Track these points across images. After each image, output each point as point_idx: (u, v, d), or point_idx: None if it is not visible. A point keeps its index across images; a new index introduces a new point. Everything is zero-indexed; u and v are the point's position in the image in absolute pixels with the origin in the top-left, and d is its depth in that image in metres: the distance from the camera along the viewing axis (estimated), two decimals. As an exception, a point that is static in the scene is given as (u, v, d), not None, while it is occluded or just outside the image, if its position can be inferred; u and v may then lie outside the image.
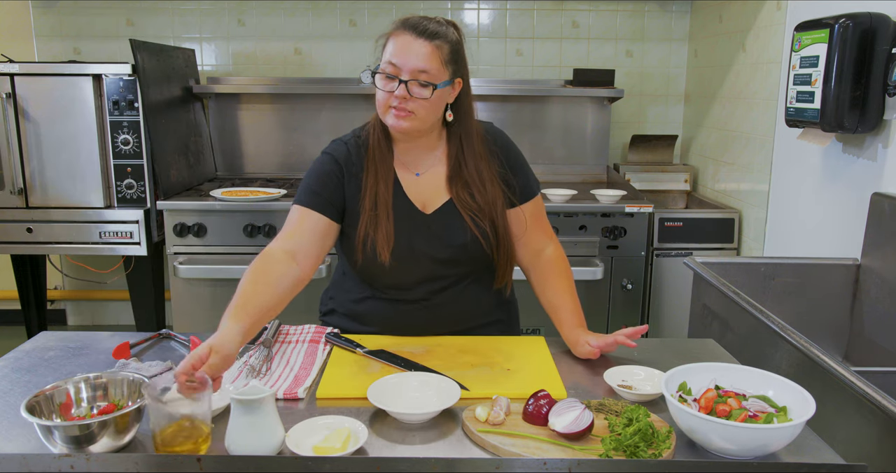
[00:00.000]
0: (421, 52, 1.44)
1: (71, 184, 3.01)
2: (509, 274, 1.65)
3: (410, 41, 1.45)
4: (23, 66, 2.92)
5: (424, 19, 1.48)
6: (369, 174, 1.54)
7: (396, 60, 1.45)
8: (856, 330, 2.17)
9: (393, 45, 1.47)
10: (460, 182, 1.56)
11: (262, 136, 3.67)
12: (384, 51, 1.49)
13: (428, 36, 1.45)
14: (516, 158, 1.65)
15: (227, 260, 2.97)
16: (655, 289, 3.15)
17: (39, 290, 3.53)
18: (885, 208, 2.02)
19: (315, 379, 1.36)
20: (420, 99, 1.45)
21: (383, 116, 1.50)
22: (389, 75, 1.46)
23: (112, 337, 1.56)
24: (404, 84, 1.44)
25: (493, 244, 1.57)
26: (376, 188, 1.53)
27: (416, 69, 1.44)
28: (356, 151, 1.57)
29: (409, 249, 1.53)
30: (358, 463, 0.96)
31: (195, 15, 3.66)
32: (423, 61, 1.44)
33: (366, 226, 1.51)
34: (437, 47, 1.45)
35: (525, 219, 1.62)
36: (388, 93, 1.46)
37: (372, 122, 1.59)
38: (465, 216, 1.55)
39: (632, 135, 3.68)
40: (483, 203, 1.55)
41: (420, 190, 1.58)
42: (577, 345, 1.49)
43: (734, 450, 1.06)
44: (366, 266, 1.54)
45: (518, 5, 3.69)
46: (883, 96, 2.02)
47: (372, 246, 1.51)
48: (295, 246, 1.47)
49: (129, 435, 1.08)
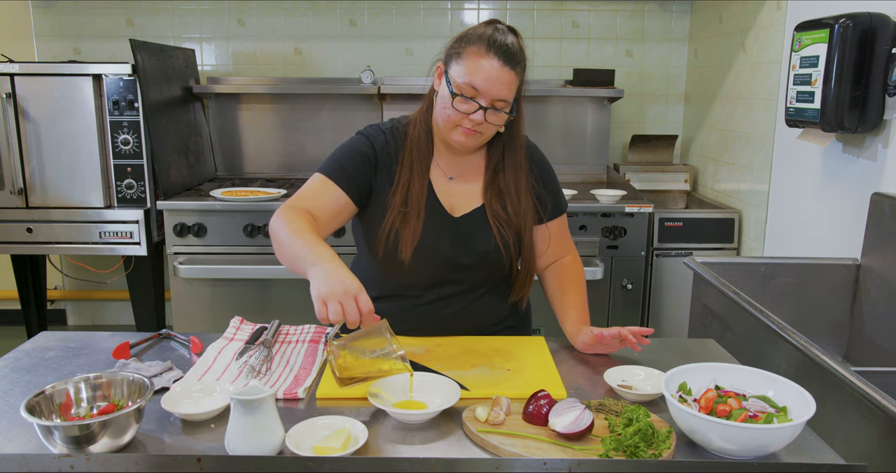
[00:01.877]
0: (506, 81, 1.41)
1: (71, 184, 3.01)
2: (527, 288, 1.64)
3: (497, 68, 1.40)
4: (23, 66, 2.92)
5: (505, 36, 1.42)
6: (404, 169, 1.52)
7: (480, 85, 1.40)
8: (856, 330, 2.17)
9: (476, 66, 1.40)
10: (494, 190, 1.56)
11: (262, 136, 3.67)
12: (457, 63, 1.43)
13: (513, 64, 1.41)
14: (549, 174, 1.65)
15: (227, 260, 2.97)
16: (655, 289, 3.15)
17: (39, 290, 3.53)
18: (885, 208, 2.02)
19: (315, 379, 1.36)
20: (493, 123, 1.45)
21: (447, 131, 1.47)
22: (468, 97, 1.42)
23: (112, 337, 1.56)
24: (483, 110, 1.42)
25: (514, 256, 1.57)
26: (409, 185, 1.51)
27: (498, 98, 1.42)
28: (393, 142, 1.55)
29: (431, 250, 1.52)
30: (358, 463, 0.96)
31: (195, 15, 3.66)
32: (507, 91, 1.42)
33: (392, 220, 1.50)
34: (517, 75, 1.44)
35: (549, 237, 1.62)
36: (462, 114, 1.43)
37: (416, 118, 1.56)
38: (492, 225, 1.54)
39: (632, 135, 3.68)
40: (513, 214, 1.55)
41: (451, 192, 1.57)
42: (577, 335, 1.49)
43: (734, 450, 1.06)
44: (385, 258, 1.52)
45: (518, 5, 3.69)
46: (883, 96, 2.02)
47: (395, 242, 1.49)
48: (313, 209, 1.45)
49: (129, 435, 1.08)
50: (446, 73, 1.46)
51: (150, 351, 1.51)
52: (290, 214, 1.39)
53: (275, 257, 1.39)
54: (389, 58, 3.72)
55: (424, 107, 1.57)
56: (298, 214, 1.40)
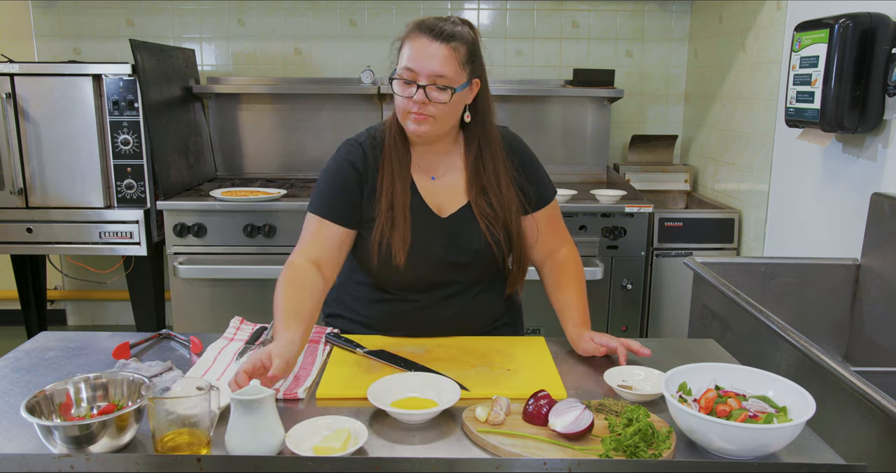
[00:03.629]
0: (437, 55, 1.42)
1: (71, 184, 3.01)
2: (521, 279, 1.65)
3: (426, 44, 1.42)
4: (23, 66, 2.92)
5: (439, 20, 1.45)
6: (385, 175, 1.52)
7: (413, 65, 1.42)
8: (856, 330, 2.17)
9: (409, 49, 1.44)
10: (478, 187, 1.55)
11: (262, 136, 3.67)
12: (400, 55, 1.46)
13: (444, 38, 1.42)
14: (532, 164, 1.63)
15: (227, 260, 2.97)
16: (655, 289, 3.15)
17: (39, 290, 3.53)
18: (885, 208, 2.02)
19: (315, 379, 1.36)
20: (439, 103, 1.44)
21: (403, 122, 1.48)
22: (407, 80, 1.43)
23: (112, 337, 1.56)
24: (422, 89, 1.42)
25: (506, 251, 1.57)
26: (392, 189, 1.51)
27: (433, 73, 1.42)
28: (372, 153, 1.55)
29: (424, 252, 1.52)
30: (358, 463, 0.96)
31: (195, 15, 3.66)
32: (440, 65, 1.42)
33: (382, 227, 1.50)
34: (453, 49, 1.43)
35: (538, 227, 1.61)
36: (406, 98, 1.44)
37: (389, 123, 1.57)
38: (480, 222, 1.54)
39: (632, 135, 3.68)
40: (499, 208, 1.55)
41: (436, 193, 1.57)
42: (579, 341, 1.49)
43: (734, 450, 1.06)
44: (380, 267, 1.53)
45: (518, 5, 3.69)
46: (883, 96, 2.02)
47: (387, 247, 1.49)
48: (317, 256, 1.48)
49: (129, 435, 1.08)
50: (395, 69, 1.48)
51: (150, 352, 1.51)
52: (287, 277, 1.43)
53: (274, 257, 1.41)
54: (389, 58, 3.71)
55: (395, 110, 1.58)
56: (294, 278, 1.44)
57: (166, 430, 1.05)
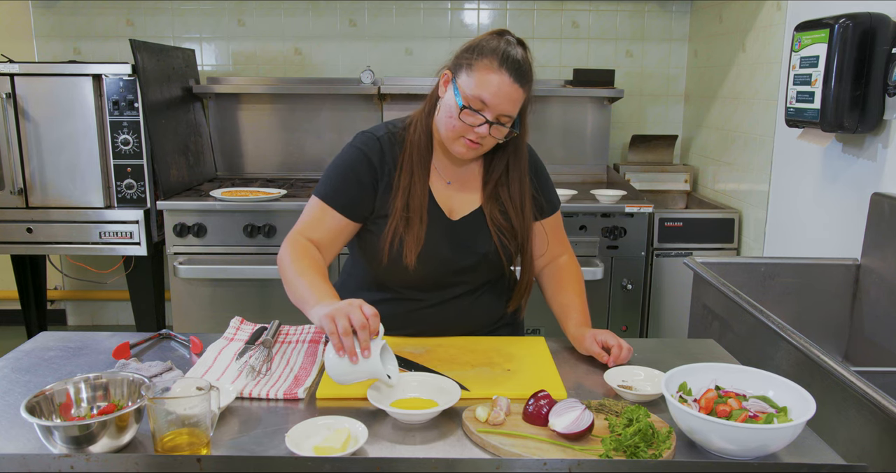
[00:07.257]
0: (514, 97, 1.42)
1: (71, 184, 3.01)
2: (526, 297, 1.65)
3: (508, 84, 1.40)
4: (23, 66, 2.92)
5: (515, 51, 1.42)
6: (404, 173, 1.51)
7: (489, 101, 1.40)
8: (856, 330, 2.17)
9: (487, 80, 1.40)
10: (494, 196, 1.56)
11: (262, 136, 3.67)
12: (467, 74, 1.42)
13: (524, 81, 1.42)
14: (543, 173, 1.66)
15: (227, 260, 2.97)
16: (655, 289, 3.15)
17: (39, 290, 3.53)
18: (885, 208, 2.02)
19: (315, 379, 1.36)
20: (496, 137, 1.45)
21: (449, 141, 1.47)
22: (475, 110, 1.42)
23: (112, 337, 1.56)
24: (489, 124, 1.42)
25: (513, 255, 1.59)
26: (410, 190, 1.50)
27: (505, 114, 1.42)
28: (390, 149, 1.53)
29: (434, 254, 1.52)
30: (358, 464, 0.96)
31: (195, 15, 3.66)
32: (513, 107, 1.43)
33: (395, 225, 1.49)
34: (525, 92, 1.45)
35: (546, 234, 1.63)
36: (467, 125, 1.43)
37: (415, 123, 1.55)
38: (490, 227, 1.55)
39: (632, 135, 3.68)
40: (518, 227, 1.56)
41: (449, 195, 1.57)
42: (583, 341, 1.49)
43: (734, 451, 1.06)
44: (388, 265, 1.52)
45: (518, 5, 3.69)
46: (883, 96, 2.02)
47: (399, 246, 1.49)
48: (318, 240, 1.49)
49: (129, 435, 1.08)
50: (454, 82, 1.44)
51: (150, 352, 1.51)
52: (296, 251, 1.44)
53: (274, 257, 1.42)
54: (389, 58, 3.72)
55: (426, 110, 1.55)
56: (303, 250, 1.45)
57: (166, 430, 1.05)
